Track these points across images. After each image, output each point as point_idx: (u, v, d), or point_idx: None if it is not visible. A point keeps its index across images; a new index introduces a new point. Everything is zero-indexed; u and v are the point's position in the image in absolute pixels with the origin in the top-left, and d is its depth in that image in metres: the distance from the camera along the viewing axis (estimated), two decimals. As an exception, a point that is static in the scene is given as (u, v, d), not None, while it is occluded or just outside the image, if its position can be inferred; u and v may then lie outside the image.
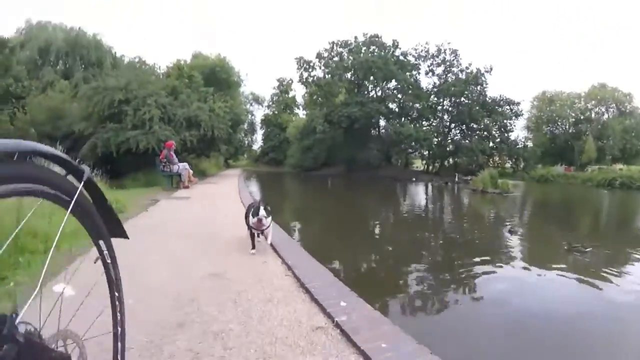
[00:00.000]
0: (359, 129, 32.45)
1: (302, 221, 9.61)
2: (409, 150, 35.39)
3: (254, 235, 3.97)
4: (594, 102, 40.49)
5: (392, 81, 34.35)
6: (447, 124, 35.68)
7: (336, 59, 34.69)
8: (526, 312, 3.87)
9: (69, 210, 0.83)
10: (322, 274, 3.33)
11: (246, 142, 50.08)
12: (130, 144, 13.07)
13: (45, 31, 25.67)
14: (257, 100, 50.69)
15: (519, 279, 4.97)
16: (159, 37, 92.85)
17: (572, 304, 4.17)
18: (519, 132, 39.70)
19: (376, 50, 34.44)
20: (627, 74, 72.49)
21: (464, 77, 34.01)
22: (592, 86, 40.76)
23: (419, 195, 19.41)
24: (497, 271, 5.24)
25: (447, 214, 12.44)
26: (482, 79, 33.77)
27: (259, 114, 51.96)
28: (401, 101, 34.62)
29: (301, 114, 47.37)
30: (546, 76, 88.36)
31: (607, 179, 25.65)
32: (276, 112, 49.58)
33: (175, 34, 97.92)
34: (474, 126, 33.97)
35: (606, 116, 40.35)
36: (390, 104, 34.73)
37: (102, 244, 0.99)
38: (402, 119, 34.12)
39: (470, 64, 34.24)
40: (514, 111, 34.28)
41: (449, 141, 35.13)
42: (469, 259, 5.87)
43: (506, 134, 34.08)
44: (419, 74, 35.44)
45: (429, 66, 35.39)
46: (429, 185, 25.09)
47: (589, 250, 6.42)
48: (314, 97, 37.59)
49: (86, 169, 0.90)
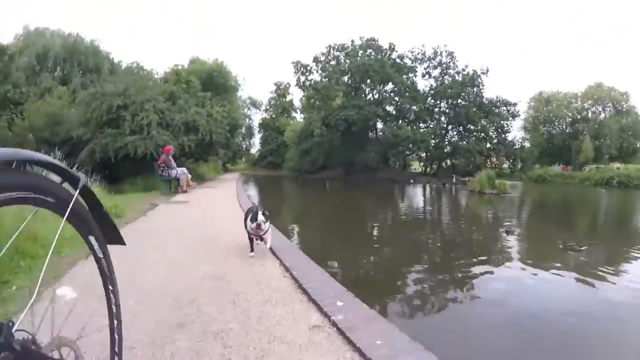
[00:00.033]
0: (356, 132, 32.56)
1: (300, 224, 9.66)
2: (407, 152, 35.59)
3: (253, 238, 4.02)
4: (590, 101, 40.79)
5: (389, 84, 34.57)
6: (444, 125, 35.88)
7: (333, 63, 34.87)
8: (521, 311, 3.92)
9: (64, 217, 0.84)
10: (319, 275, 3.38)
11: (244, 146, 50.08)
12: (128, 149, 13.09)
13: (43, 37, 25.71)
14: (255, 104, 50.82)
15: (515, 279, 5.02)
16: (155, 43, 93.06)
17: (566, 302, 4.22)
18: (516, 132, 40.18)
19: (373, 53, 34.64)
20: (624, 73, 73.12)
21: (460, 79, 34.24)
22: (589, 86, 41.18)
23: (417, 196, 19.47)
24: (493, 271, 5.30)
25: (445, 215, 12.49)
26: (479, 80, 34.04)
27: (257, 118, 52.11)
28: (398, 104, 34.80)
29: (299, 117, 47.63)
30: (543, 76, 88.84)
31: (604, 178, 25.86)
32: (274, 115, 49.78)
33: (172, 39, 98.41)
34: (471, 127, 34.18)
35: (603, 115, 40.65)
36: (387, 106, 34.87)
37: (92, 239, 0.99)
38: (400, 122, 34.29)
39: (466, 66, 34.58)
40: (510, 112, 34.53)
41: (446, 143, 35.37)
42: (466, 259, 5.94)
43: (503, 135, 34.32)
44: (416, 76, 35.76)
45: (425, 69, 35.74)
46: (427, 186, 25.19)
47: (584, 248, 6.50)
48: (312, 101, 37.75)
49: (82, 176, 0.91)
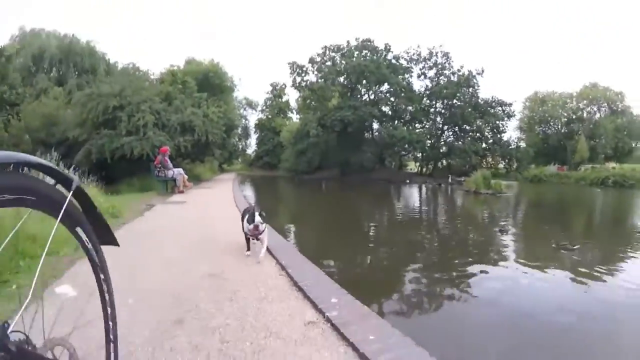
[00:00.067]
0: (352, 133, 32.62)
1: (296, 224, 9.72)
2: (403, 152, 35.75)
3: (250, 238, 4.07)
4: (585, 101, 41.09)
5: (385, 84, 34.63)
6: (440, 126, 36.00)
7: (329, 64, 34.90)
8: (514, 309, 3.99)
9: (58, 219, 0.85)
10: (314, 273, 3.45)
11: (240, 146, 50.03)
12: (124, 150, 13.12)
13: (38, 38, 25.63)
14: (251, 104, 50.87)
15: (508, 278, 5.08)
16: (155, 44, 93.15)
17: (559, 301, 4.26)
18: (511, 132, 40.36)
19: (368, 54, 34.70)
20: (619, 73, 73.64)
21: (455, 79, 34.37)
22: (584, 86, 41.51)
23: (413, 196, 19.55)
24: (487, 270, 5.36)
25: (440, 215, 12.58)
26: (474, 81, 34.19)
27: (253, 118, 52.18)
28: (394, 104, 34.86)
29: (295, 118, 47.73)
30: (538, 77, 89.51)
31: (600, 178, 26.01)
32: (270, 116, 49.84)
33: (171, 40, 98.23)
34: (467, 128, 34.34)
35: (598, 115, 40.97)
36: (383, 107, 34.95)
37: (79, 230, 0.99)
38: (395, 122, 34.39)
39: (461, 67, 34.72)
40: (506, 112, 34.66)
41: (442, 143, 35.49)
42: (460, 258, 6.02)
43: (499, 135, 34.46)
44: (411, 77, 35.79)
45: (420, 69, 35.82)
46: (423, 186, 25.26)
47: (576, 248, 6.59)
48: (307, 102, 37.76)
49: (75, 178, 0.92)
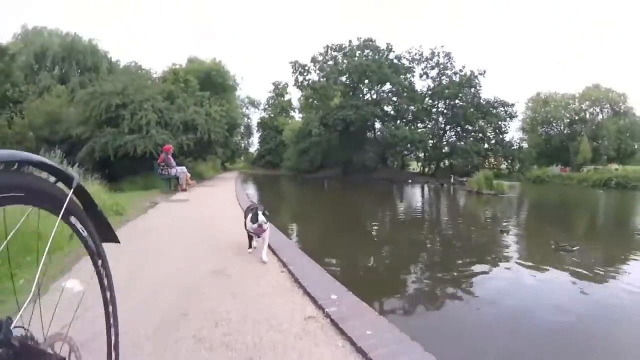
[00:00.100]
0: (354, 132, 32.67)
1: (298, 222, 9.79)
2: (405, 152, 35.74)
3: (252, 236, 4.13)
4: (588, 102, 40.94)
5: (387, 84, 34.65)
6: (442, 126, 35.99)
7: (331, 63, 34.94)
8: (514, 309, 4.05)
9: (59, 216, 0.85)
10: (315, 270, 3.51)
11: (243, 145, 50.17)
12: (127, 148, 13.18)
13: (41, 36, 25.70)
14: (253, 103, 50.87)
15: (508, 278, 5.12)
16: (155, 43, 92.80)
17: (558, 302, 4.28)
18: (513, 133, 40.23)
19: (370, 53, 34.73)
20: (621, 74, 73.13)
21: (457, 79, 34.33)
22: (586, 87, 41.29)
23: (415, 196, 19.60)
24: (488, 270, 5.42)
25: (442, 215, 12.62)
26: (476, 81, 34.19)
27: (255, 117, 52.19)
28: (396, 104, 34.87)
29: (297, 117, 47.72)
30: (540, 77, 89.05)
31: (602, 179, 25.95)
32: (272, 115, 49.89)
33: (172, 39, 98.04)
34: (469, 128, 34.30)
35: (600, 116, 40.82)
36: (385, 106, 34.97)
37: (73, 219, 0.97)
38: (397, 122, 34.41)
39: (464, 67, 34.73)
40: (508, 113, 34.65)
41: (444, 143, 35.49)
42: (461, 258, 6.07)
43: (501, 136, 34.46)
44: (413, 77, 35.88)
45: (423, 69, 35.86)
46: (425, 186, 25.30)
47: (575, 249, 6.62)
48: (310, 101, 37.81)
49: (76, 176, 0.92)
